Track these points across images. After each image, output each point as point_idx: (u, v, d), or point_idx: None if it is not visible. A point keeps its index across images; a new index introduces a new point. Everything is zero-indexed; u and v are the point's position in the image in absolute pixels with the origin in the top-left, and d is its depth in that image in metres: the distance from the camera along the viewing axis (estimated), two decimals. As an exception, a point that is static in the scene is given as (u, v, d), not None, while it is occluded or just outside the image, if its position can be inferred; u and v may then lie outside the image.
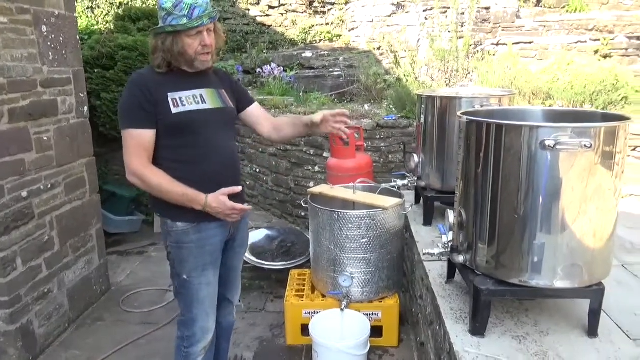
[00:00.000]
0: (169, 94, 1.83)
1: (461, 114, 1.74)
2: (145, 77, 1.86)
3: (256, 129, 2.21)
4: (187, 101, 1.86)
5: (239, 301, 2.36)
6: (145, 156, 1.82)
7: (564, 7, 6.71)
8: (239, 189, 1.88)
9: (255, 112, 2.19)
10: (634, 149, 3.60)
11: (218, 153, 1.91)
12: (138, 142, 1.81)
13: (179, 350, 2.05)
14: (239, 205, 1.86)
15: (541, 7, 6.65)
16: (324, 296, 2.82)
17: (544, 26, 5.99)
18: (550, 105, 3.95)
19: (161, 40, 1.82)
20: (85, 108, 3.36)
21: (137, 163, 1.80)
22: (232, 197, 1.86)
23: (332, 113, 2.08)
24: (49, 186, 2.95)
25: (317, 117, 2.07)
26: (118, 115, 1.87)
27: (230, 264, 2.17)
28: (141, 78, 1.86)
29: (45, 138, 2.92)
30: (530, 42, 5.74)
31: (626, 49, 5.45)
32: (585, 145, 1.41)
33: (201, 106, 1.90)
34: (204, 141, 1.88)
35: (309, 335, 2.54)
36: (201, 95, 1.92)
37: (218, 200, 1.81)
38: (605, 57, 5.38)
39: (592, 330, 1.63)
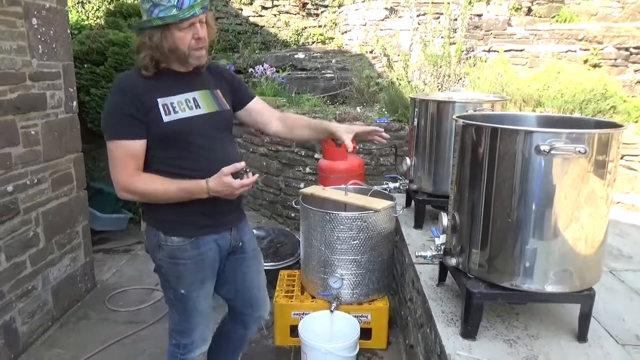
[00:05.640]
0: (159, 100, 1.64)
1: (457, 117, 1.74)
2: (133, 82, 1.66)
3: (260, 125, 1.98)
4: (179, 107, 1.67)
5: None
6: (133, 166, 1.64)
7: (554, 16, 6.80)
8: (242, 164, 1.63)
9: (257, 107, 1.98)
10: (621, 157, 3.65)
11: (217, 162, 1.66)
12: (126, 153, 1.62)
13: (174, 357, 1.92)
14: (246, 180, 1.63)
15: (532, 16, 6.73)
16: (313, 297, 2.81)
17: (535, 35, 6.07)
18: (541, 112, 3.99)
19: (148, 36, 1.60)
20: (74, 103, 3.31)
21: (125, 175, 1.63)
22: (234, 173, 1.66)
23: (365, 130, 1.92)
24: (35, 181, 2.90)
25: (346, 137, 1.85)
26: (102, 124, 1.68)
27: (247, 280, 1.98)
28: (128, 83, 1.67)
29: (33, 132, 2.86)
30: (521, 50, 5.82)
31: (615, 59, 5.54)
32: (579, 151, 1.42)
33: (195, 112, 1.70)
34: (200, 151, 1.70)
35: (297, 336, 2.53)
36: (194, 99, 1.72)
37: (222, 183, 1.60)
38: (594, 66, 5.46)
39: (582, 335, 1.64)
